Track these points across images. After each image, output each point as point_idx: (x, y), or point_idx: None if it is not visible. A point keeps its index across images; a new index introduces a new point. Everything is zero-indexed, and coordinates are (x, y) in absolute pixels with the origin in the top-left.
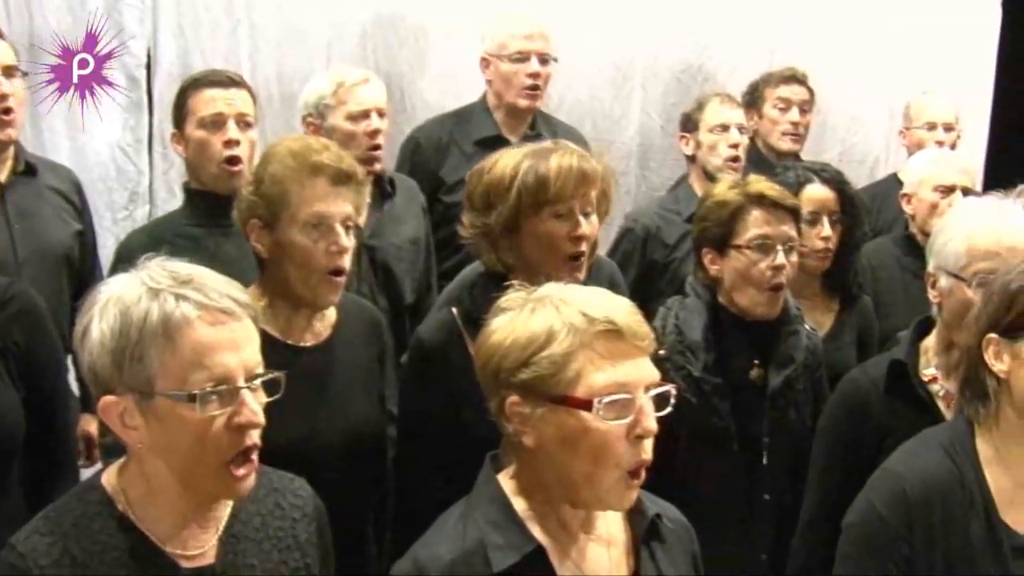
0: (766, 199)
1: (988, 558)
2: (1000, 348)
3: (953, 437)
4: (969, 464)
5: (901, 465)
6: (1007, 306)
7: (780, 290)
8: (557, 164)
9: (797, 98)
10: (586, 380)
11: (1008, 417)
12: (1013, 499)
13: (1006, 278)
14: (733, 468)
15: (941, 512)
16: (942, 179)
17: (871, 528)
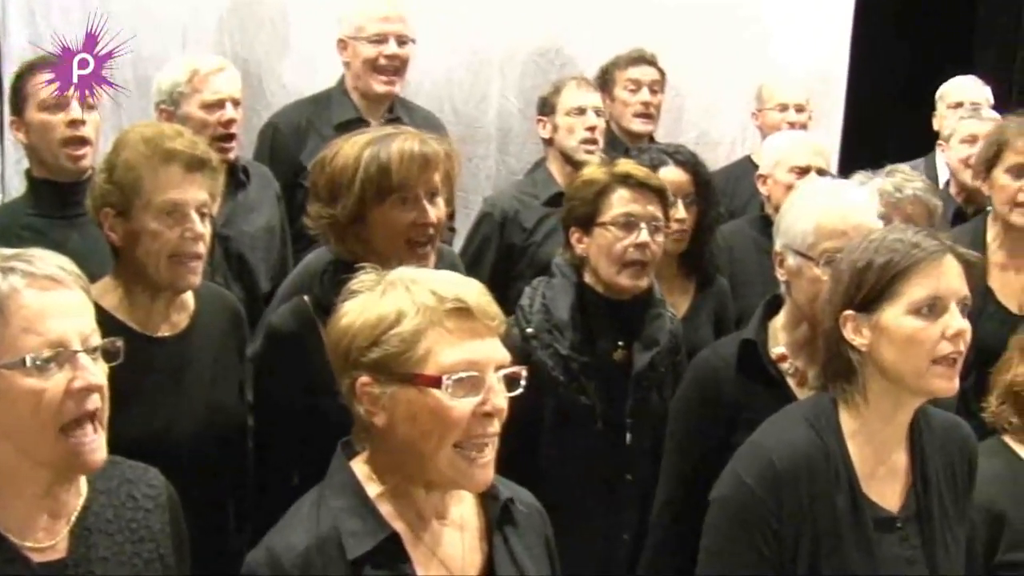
0: (632, 178)
1: (852, 531)
2: (858, 323)
3: (818, 412)
4: (834, 438)
5: (769, 439)
6: (857, 283)
7: (643, 267)
8: (399, 150)
9: (647, 79)
10: (435, 358)
11: (875, 389)
12: (875, 473)
13: (852, 256)
14: (597, 448)
15: (808, 486)
16: (797, 160)
17: (740, 501)
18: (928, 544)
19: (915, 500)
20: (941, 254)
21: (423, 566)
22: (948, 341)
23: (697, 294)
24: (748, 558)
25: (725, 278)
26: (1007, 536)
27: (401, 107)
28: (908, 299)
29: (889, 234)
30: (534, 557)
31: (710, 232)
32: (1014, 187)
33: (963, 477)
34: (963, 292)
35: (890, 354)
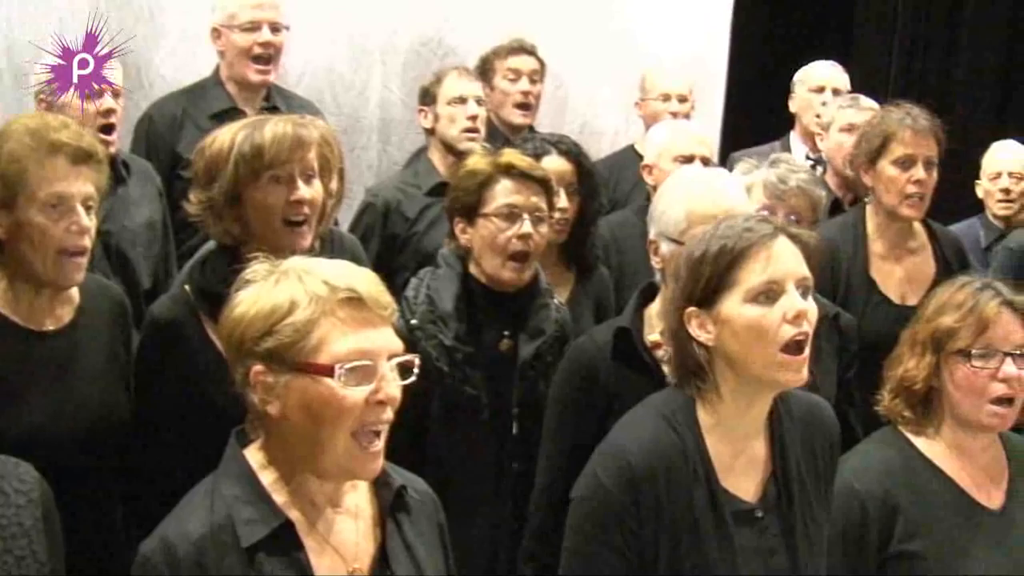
0: (515, 169)
1: (711, 525)
2: (702, 318)
3: (675, 407)
4: (690, 433)
5: (626, 438)
6: (695, 277)
7: (526, 259)
8: (272, 131)
9: (527, 68)
10: (328, 347)
11: (727, 382)
12: (733, 465)
13: (688, 249)
14: (484, 437)
15: (665, 483)
16: (681, 149)
17: (598, 502)
18: (788, 534)
19: (775, 491)
20: (772, 237)
21: (317, 553)
22: (790, 323)
23: (577, 284)
24: (608, 558)
25: (613, 268)
26: (900, 527)
27: (278, 96)
28: (744, 287)
29: (722, 222)
30: (427, 544)
31: (592, 222)
32: (903, 179)
33: (826, 461)
34: (801, 273)
35: (735, 346)
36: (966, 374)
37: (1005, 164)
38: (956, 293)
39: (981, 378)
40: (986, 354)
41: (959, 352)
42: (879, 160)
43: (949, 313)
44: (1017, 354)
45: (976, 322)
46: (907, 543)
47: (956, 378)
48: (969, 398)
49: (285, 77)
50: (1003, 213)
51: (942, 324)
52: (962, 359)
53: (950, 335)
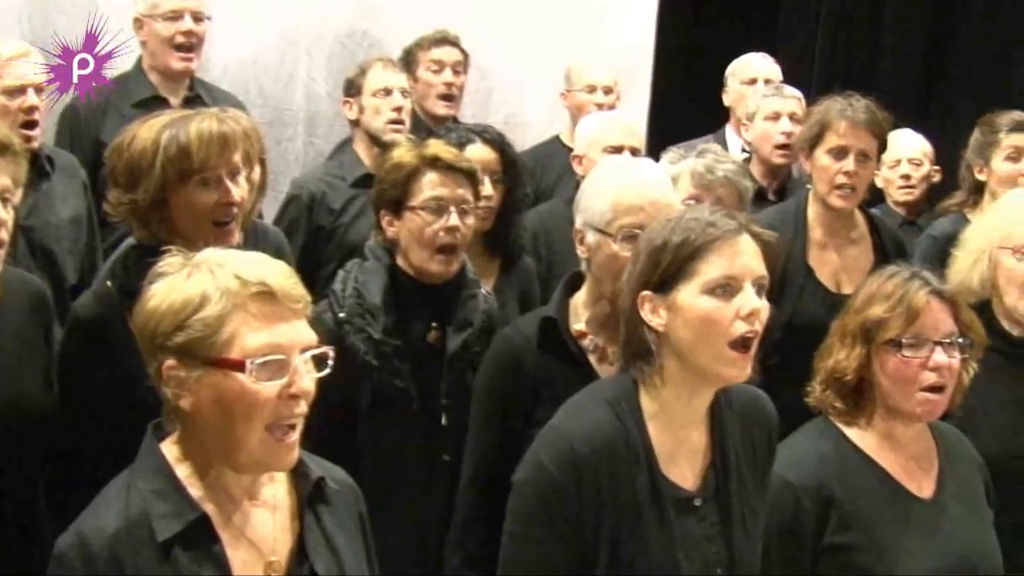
0: (441, 161)
1: (652, 512)
2: (655, 303)
3: (619, 394)
4: (633, 420)
5: (570, 423)
6: (655, 262)
7: (453, 251)
8: (197, 131)
9: (450, 59)
10: (240, 342)
11: (671, 369)
12: (674, 454)
13: (649, 235)
14: (413, 430)
15: (608, 469)
16: (611, 140)
17: (541, 485)
18: (725, 523)
19: (714, 480)
20: (736, 233)
21: (233, 547)
22: (743, 320)
23: (502, 273)
24: (550, 542)
25: (542, 257)
26: (834, 518)
27: (201, 86)
28: (703, 279)
29: (686, 213)
30: (347, 534)
31: (517, 211)
32: (834, 169)
33: (763, 452)
34: (759, 272)
35: (686, 334)
36: (897, 364)
37: (904, 151)
38: (885, 284)
39: (912, 368)
40: (916, 344)
41: (889, 342)
42: (816, 148)
43: (878, 304)
44: (946, 343)
45: (905, 312)
46: (841, 535)
47: (887, 368)
48: (900, 388)
49: (210, 69)
50: (904, 199)
51: (872, 315)
52: (892, 349)
53: (880, 326)
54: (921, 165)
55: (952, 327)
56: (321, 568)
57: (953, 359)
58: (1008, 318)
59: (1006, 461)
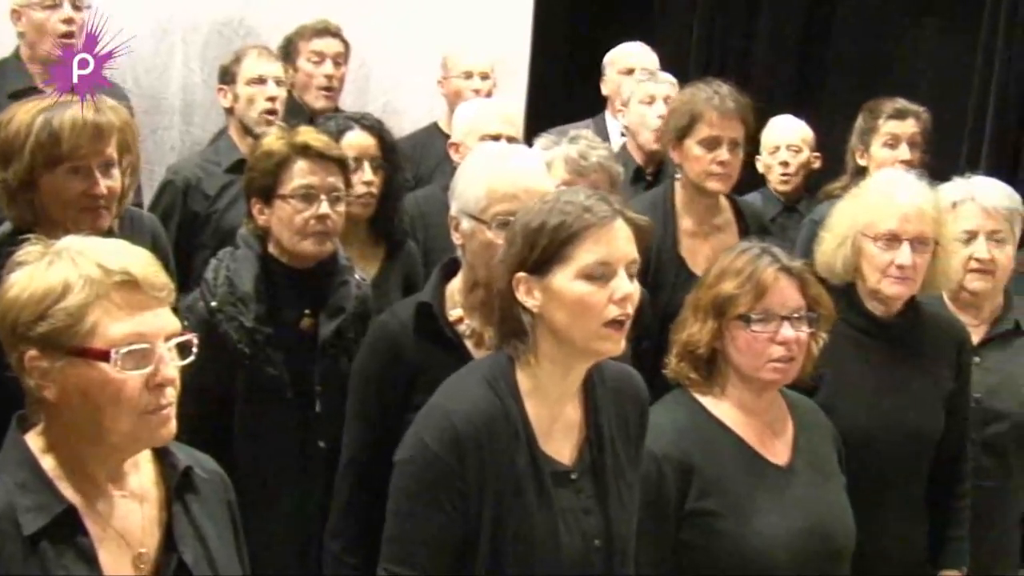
0: (311, 149)
1: (532, 487)
2: (531, 285)
3: (496, 372)
4: (511, 397)
5: (450, 401)
6: (530, 245)
7: (325, 239)
8: (71, 118)
9: (331, 51)
10: (103, 331)
11: (545, 349)
12: (550, 429)
13: (525, 218)
14: (288, 417)
15: (489, 445)
16: (487, 128)
17: (424, 463)
18: (602, 495)
19: (589, 454)
20: (611, 219)
21: (101, 539)
22: (615, 304)
23: (386, 259)
24: (434, 519)
25: (420, 243)
26: (696, 485)
27: None
28: (578, 264)
29: (562, 196)
30: (216, 523)
31: (398, 196)
32: (707, 158)
33: (636, 427)
34: (632, 256)
35: (560, 317)
36: (746, 338)
37: (783, 138)
38: (735, 260)
39: (760, 342)
40: (764, 319)
41: (739, 317)
42: (686, 139)
43: (729, 280)
44: (794, 317)
45: (754, 288)
46: (702, 501)
47: (737, 342)
48: (750, 360)
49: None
50: (783, 187)
51: (723, 290)
52: (742, 324)
53: (730, 301)
54: (800, 151)
55: (800, 302)
56: (189, 558)
57: (801, 333)
58: (871, 299)
59: (870, 435)
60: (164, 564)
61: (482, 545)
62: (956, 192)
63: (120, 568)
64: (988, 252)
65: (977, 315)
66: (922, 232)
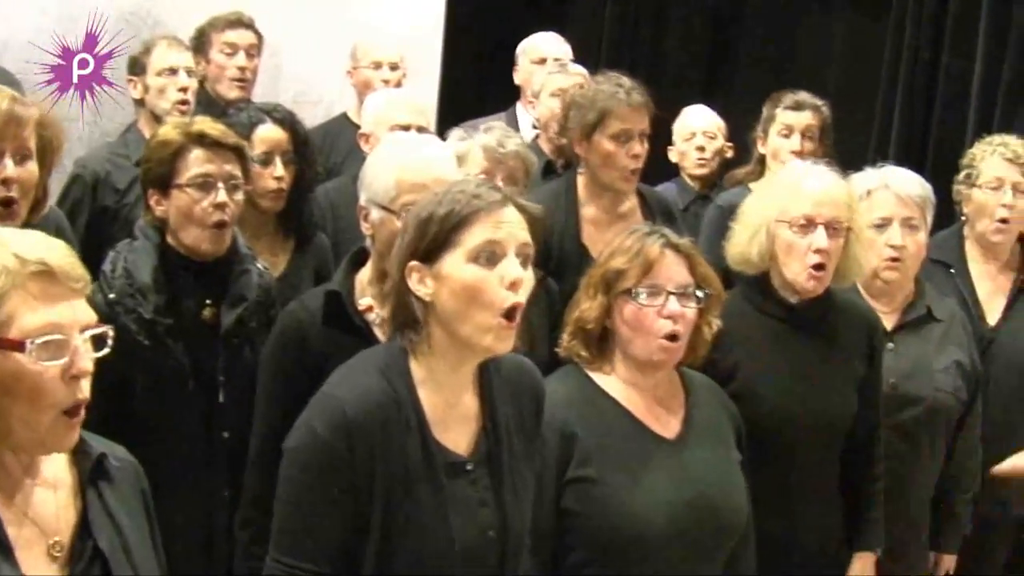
0: (207, 138)
1: (424, 476)
2: (422, 273)
3: (389, 360)
4: (404, 386)
5: (340, 388)
6: (421, 233)
7: (223, 228)
8: None
9: (244, 42)
10: (19, 322)
11: (438, 337)
12: (445, 419)
13: (417, 208)
14: (191, 408)
15: (380, 434)
16: (397, 119)
17: (313, 451)
18: (497, 487)
19: (485, 445)
20: (501, 204)
21: (15, 527)
22: (506, 290)
23: (297, 251)
24: (324, 507)
25: (329, 234)
26: (577, 454)
27: None
28: (467, 247)
29: (453, 186)
30: (130, 511)
31: (308, 189)
32: (621, 153)
33: (531, 418)
34: (522, 240)
35: (451, 303)
36: (633, 312)
37: (698, 125)
38: (626, 239)
39: (647, 316)
40: (652, 293)
41: (626, 291)
42: (594, 134)
43: (619, 257)
44: (681, 293)
45: (642, 263)
46: (583, 468)
47: (625, 316)
48: (638, 335)
49: None
50: (699, 173)
51: (612, 266)
52: (629, 298)
53: (619, 276)
54: (715, 139)
55: (688, 279)
56: (105, 544)
57: (688, 308)
58: (784, 287)
59: (784, 421)
60: (79, 551)
61: (372, 534)
62: (870, 180)
63: (35, 556)
64: (901, 239)
65: (890, 302)
66: (836, 216)
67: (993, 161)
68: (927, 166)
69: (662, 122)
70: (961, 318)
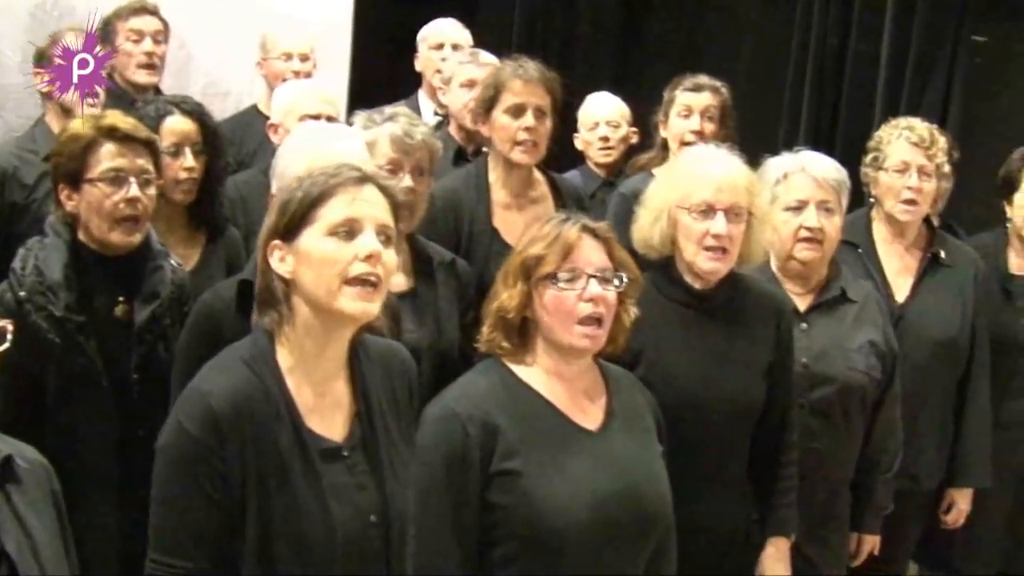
0: (119, 132)
1: (299, 465)
2: (283, 251)
3: (255, 352)
4: (272, 376)
5: (207, 384)
6: (282, 213)
7: (136, 223)
8: None
9: (149, 29)
10: None
11: (303, 316)
12: (318, 406)
13: (280, 195)
14: (105, 406)
15: (250, 426)
16: (307, 108)
17: (183, 448)
18: (376, 470)
19: (359, 429)
20: (360, 182)
21: None
22: (363, 262)
23: (208, 244)
24: (198, 505)
25: (241, 226)
26: (501, 446)
27: None
28: (325, 222)
29: (316, 171)
30: (39, 512)
31: (219, 181)
32: (513, 127)
33: (405, 401)
34: (382, 219)
35: (308, 277)
36: (554, 297)
37: (602, 114)
38: (543, 227)
39: (568, 300)
40: (571, 277)
41: (546, 277)
42: (493, 110)
43: (536, 244)
44: (600, 276)
45: (560, 248)
46: (507, 461)
47: (546, 302)
48: (559, 320)
49: None
50: (604, 160)
51: (530, 253)
52: (550, 283)
53: (538, 262)
54: (619, 127)
55: (606, 262)
56: (12, 548)
57: (608, 291)
58: (689, 272)
59: (690, 407)
60: None
61: (250, 527)
62: (787, 164)
63: None
64: (818, 221)
65: (805, 284)
66: (736, 202)
67: (899, 145)
68: (836, 149)
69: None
70: (876, 299)
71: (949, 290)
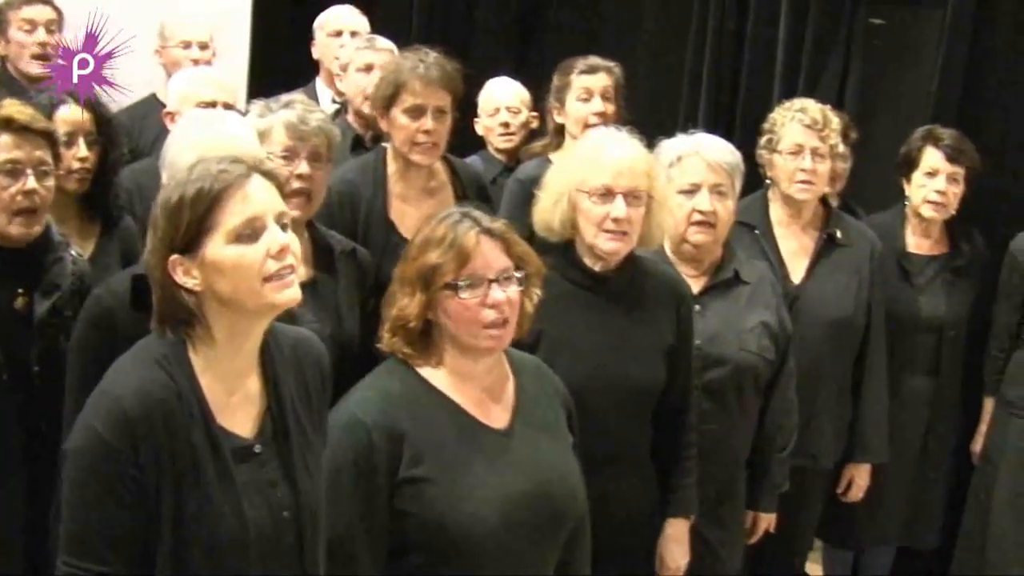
0: (15, 123)
1: (211, 465)
2: (187, 265)
3: (167, 352)
4: (183, 375)
5: (118, 386)
6: (175, 224)
7: (33, 214)
8: None
9: (42, 18)
10: None
11: (222, 323)
12: (228, 404)
13: (164, 196)
14: (6, 400)
15: (163, 427)
16: (202, 96)
17: (95, 452)
18: (287, 466)
19: (271, 426)
20: (247, 176)
21: None
22: (274, 258)
23: (102, 235)
24: (111, 508)
25: (137, 217)
26: (407, 453)
27: None
28: (225, 228)
29: (194, 168)
30: None
31: (113, 171)
32: (412, 128)
33: (318, 393)
34: (278, 208)
35: (224, 287)
36: (456, 306)
37: (502, 100)
38: (437, 228)
39: (471, 308)
40: (472, 284)
41: (446, 286)
42: (392, 108)
43: (432, 250)
44: (502, 279)
45: (457, 255)
46: (414, 468)
47: (449, 311)
48: (463, 327)
49: None
50: (505, 146)
51: (427, 261)
52: (450, 292)
53: (436, 271)
54: (519, 113)
55: (506, 262)
56: None
57: (510, 293)
58: (590, 255)
59: (590, 390)
60: None
61: (164, 529)
62: (681, 146)
63: None
64: (711, 204)
65: (698, 267)
66: (635, 186)
67: (792, 128)
68: (735, 132)
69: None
70: (771, 280)
71: (845, 270)
